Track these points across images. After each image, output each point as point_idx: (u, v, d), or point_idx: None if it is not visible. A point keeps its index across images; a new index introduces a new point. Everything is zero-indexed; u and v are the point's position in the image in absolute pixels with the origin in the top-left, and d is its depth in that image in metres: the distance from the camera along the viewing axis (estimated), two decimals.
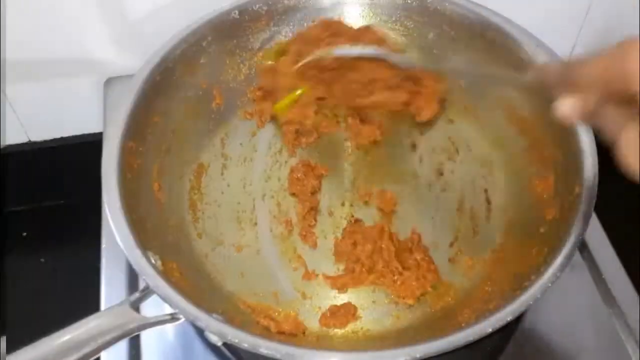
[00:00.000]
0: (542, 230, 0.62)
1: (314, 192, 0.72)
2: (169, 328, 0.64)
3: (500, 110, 0.73)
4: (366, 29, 0.71)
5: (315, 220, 0.71)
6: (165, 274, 0.55)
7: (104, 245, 0.69)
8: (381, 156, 0.74)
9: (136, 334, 0.52)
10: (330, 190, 0.73)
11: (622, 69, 0.38)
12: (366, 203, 0.73)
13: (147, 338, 0.64)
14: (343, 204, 0.72)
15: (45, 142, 0.88)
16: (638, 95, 0.37)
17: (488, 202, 0.70)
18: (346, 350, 0.58)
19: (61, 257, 0.89)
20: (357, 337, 0.61)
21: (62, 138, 0.88)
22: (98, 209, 0.65)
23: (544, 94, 0.62)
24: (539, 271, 0.54)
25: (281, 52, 0.73)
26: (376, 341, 0.61)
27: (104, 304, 0.66)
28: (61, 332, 0.49)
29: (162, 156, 0.68)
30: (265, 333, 0.58)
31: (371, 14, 0.77)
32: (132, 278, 0.67)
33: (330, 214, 0.71)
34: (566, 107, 0.43)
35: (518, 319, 0.64)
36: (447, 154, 0.74)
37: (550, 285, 0.53)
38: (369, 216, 0.71)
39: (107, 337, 0.49)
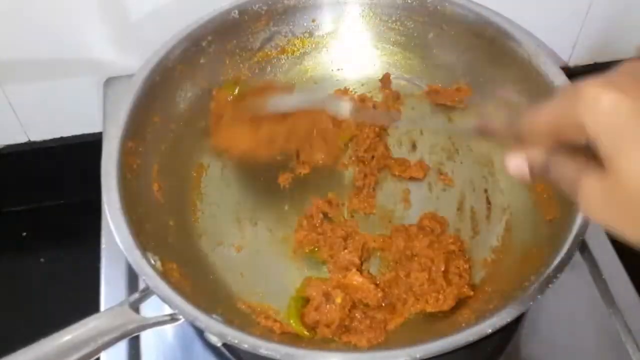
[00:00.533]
0: (542, 230, 0.62)
1: None
2: (169, 328, 0.64)
3: (501, 110, 0.73)
4: None
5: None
6: (165, 275, 0.55)
7: (103, 246, 0.69)
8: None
9: (136, 334, 0.52)
10: (329, 189, 0.73)
11: (574, 116, 0.35)
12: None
13: (147, 339, 0.64)
14: (343, 204, 0.72)
15: (45, 142, 0.87)
16: (591, 142, 0.34)
17: (488, 202, 0.70)
18: (346, 350, 0.58)
19: (61, 257, 0.89)
20: None
21: (62, 138, 0.88)
22: (98, 209, 0.65)
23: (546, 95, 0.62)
24: (539, 271, 0.54)
25: (241, 94, 0.71)
26: None
27: (103, 305, 0.66)
28: (61, 332, 0.49)
29: (162, 156, 0.68)
30: (267, 334, 0.58)
31: (371, 14, 0.77)
32: (132, 278, 0.67)
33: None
34: (514, 165, 0.41)
35: (518, 319, 0.64)
36: (447, 153, 0.74)
37: (550, 286, 0.53)
38: (369, 216, 0.71)
39: (107, 338, 0.49)
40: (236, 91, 0.71)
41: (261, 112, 0.63)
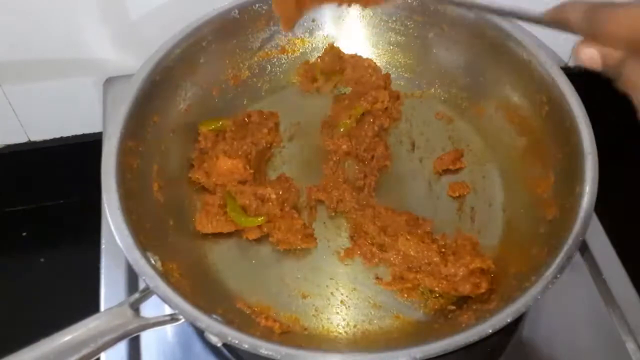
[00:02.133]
0: (542, 230, 0.62)
1: None
2: (169, 328, 0.64)
3: (501, 110, 0.73)
4: None
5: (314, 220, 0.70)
6: (165, 275, 0.55)
7: (103, 246, 0.69)
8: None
9: (136, 334, 0.52)
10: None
11: None
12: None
13: (147, 339, 0.64)
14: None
15: (45, 142, 0.88)
16: None
17: (488, 202, 0.70)
18: (346, 350, 0.58)
19: (61, 257, 0.89)
20: (356, 338, 0.61)
21: (62, 138, 0.88)
22: (98, 209, 0.65)
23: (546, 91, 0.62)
24: (539, 272, 0.54)
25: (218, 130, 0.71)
26: (376, 341, 0.61)
27: (103, 305, 0.66)
28: (61, 332, 0.49)
29: (162, 156, 0.68)
30: (267, 334, 0.58)
31: (371, 14, 0.77)
32: (132, 278, 0.67)
33: (330, 216, 0.71)
34: (587, 56, 0.39)
35: (518, 320, 0.63)
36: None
37: (550, 286, 0.53)
38: None
39: (107, 338, 0.49)
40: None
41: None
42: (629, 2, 0.37)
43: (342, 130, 0.73)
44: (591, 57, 0.39)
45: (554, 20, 0.42)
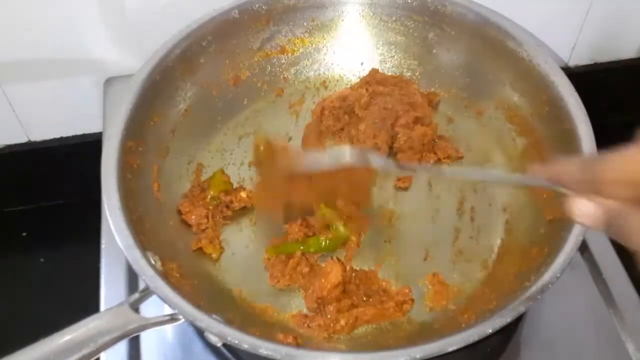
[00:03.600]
0: (542, 230, 0.62)
1: None
2: (169, 328, 0.64)
3: (500, 110, 0.73)
4: None
5: None
6: (165, 275, 0.55)
7: (103, 246, 0.69)
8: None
9: (136, 334, 0.52)
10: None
11: None
12: None
13: (147, 338, 0.64)
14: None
15: (45, 142, 0.88)
16: None
17: (488, 202, 0.70)
18: (346, 350, 0.58)
19: (61, 257, 0.89)
20: (356, 338, 0.61)
21: (62, 138, 0.88)
22: (98, 209, 0.65)
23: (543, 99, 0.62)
24: (539, 271, 0.54)
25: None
26: (376, 341, 0.61)
27: (103, 305, 0.66)
28: (61, 332, 0.49)
29: (162, 156, 0.68)
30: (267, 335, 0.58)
31: (371, 14, 0.77)
32: (132, 278, 0.67)
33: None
34: (585, 213, 0.37)
35: (518, 319, 0.64)
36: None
37: (550, 286, 0.53)
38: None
39: (107, 338, 0.49)
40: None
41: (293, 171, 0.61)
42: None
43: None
44: (589, 213, 0.37)
45: (547, 179, 0.41)
